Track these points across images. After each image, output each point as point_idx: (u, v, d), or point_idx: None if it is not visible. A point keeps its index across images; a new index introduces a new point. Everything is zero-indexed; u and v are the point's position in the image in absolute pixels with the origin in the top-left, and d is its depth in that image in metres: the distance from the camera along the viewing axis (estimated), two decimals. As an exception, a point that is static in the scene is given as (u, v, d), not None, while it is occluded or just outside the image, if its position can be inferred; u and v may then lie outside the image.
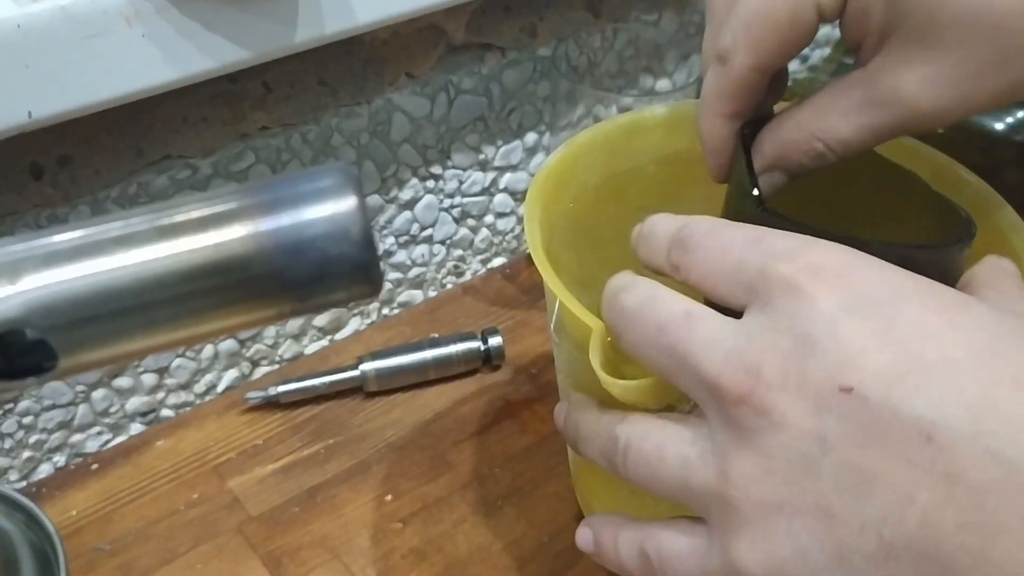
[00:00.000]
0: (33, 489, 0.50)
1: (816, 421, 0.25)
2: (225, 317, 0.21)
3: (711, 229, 0.30)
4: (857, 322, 0.25)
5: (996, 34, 0.30)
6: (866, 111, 0.32)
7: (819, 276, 0.26)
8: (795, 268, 0.27)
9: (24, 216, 0.47)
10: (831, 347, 0.25)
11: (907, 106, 0.32)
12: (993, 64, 0.31)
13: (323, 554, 0.46)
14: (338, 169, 0.21)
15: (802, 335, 0.26)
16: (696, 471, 0.28)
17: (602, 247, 0.46)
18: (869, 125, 0.33)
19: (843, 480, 0.25)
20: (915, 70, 0.31)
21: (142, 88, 0.43)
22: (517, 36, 0.59)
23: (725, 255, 0.28)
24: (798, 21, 0.32)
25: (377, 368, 0.54)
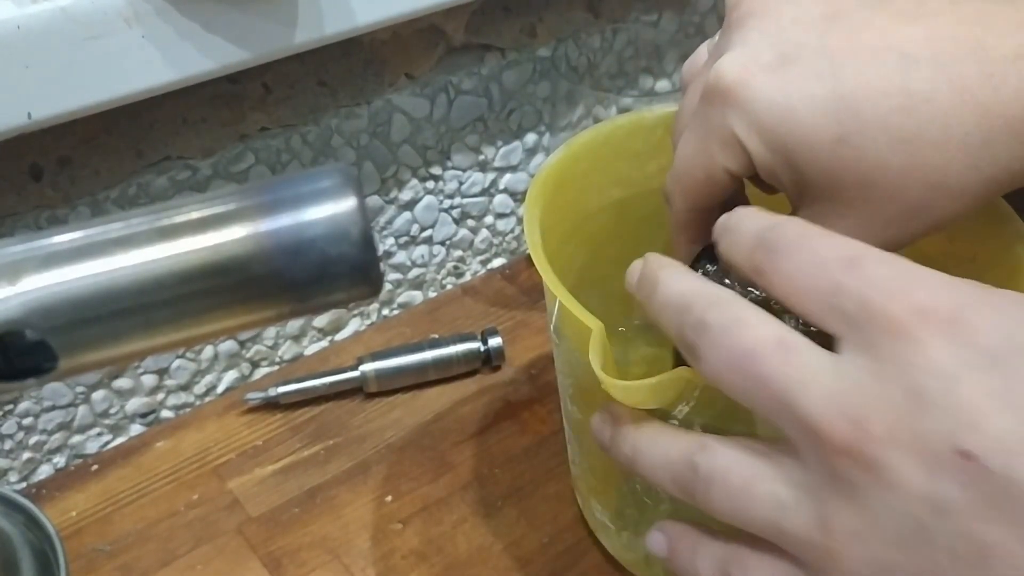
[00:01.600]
0: (33, 490, 0.50)
1: (931, 485, 0.24)
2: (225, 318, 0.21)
3: (802, 236, 0.28)
4: (975, 379, 0.24)
5: (897, 193, 0.31)
6: None
7: (930, 321, 0.24)
8: (903, 309, 0.25)
9: (24, 217, 0.47)
10: (948, 406, 0.24)
11: None
12: (902, 216, 0.32)
13: (323, 555, 0.46)
14: (338, 170, 0.21)
15: (915, 389, 0.24)
16: (791, 515, 0.26)
17: (603, 247, 0.46)
18: None
19: (959, 550, 0.24)
20: (834, 223, 0.32)
21: (142, 89, 0.43)
22: (517, 37, 0.59)
23: (818, 273, 0.27)
24: (712, 179, 0.35)
25: (377, 369, 0.54)
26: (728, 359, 0.27)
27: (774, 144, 0.32)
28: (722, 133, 0.33)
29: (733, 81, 0.32)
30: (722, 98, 0.33)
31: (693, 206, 0.37)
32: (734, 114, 0.32)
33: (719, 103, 0.33)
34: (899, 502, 0.24)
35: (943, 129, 0.30)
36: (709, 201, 0.36)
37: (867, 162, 0.31)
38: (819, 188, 0.32)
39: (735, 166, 0.34)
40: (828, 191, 0.32)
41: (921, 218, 0.32)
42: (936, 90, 0.30)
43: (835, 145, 0.31)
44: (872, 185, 0.31)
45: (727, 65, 0.32)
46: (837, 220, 0.32)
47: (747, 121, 0.32)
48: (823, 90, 0.31)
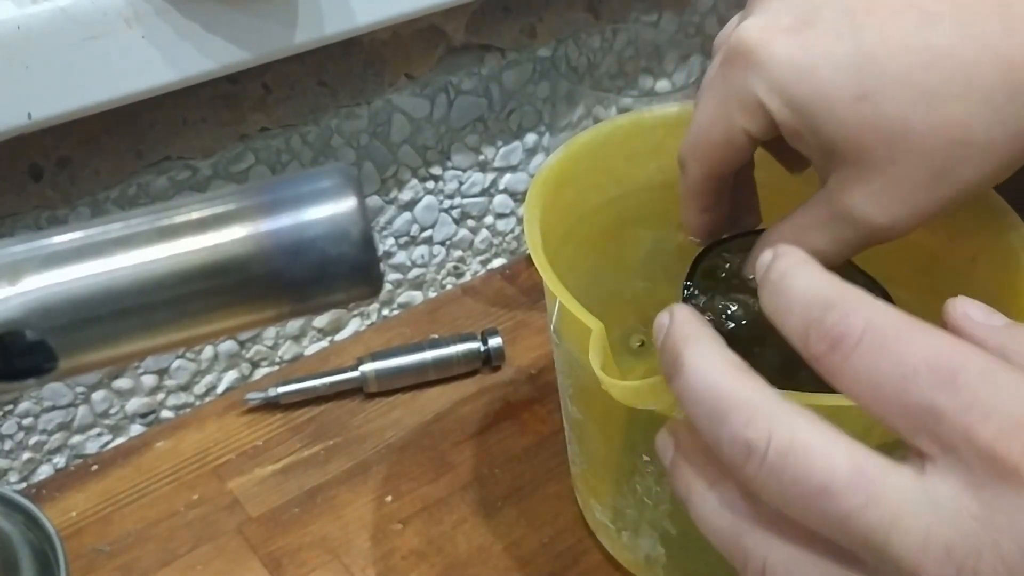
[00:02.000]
0: (33, 490, 0.50)
1: None
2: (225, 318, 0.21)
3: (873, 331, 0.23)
4: None
5: (921, 152, 0.31)
6: (833, 226, 0.34)
7: None
8: (1018, 452, 0.21)
9: (24, 217, 0.47)
10: None
11: (864, 221, 0.33)
12: (929, 178, 0.31)
13: (323, 555, 0.46)
14: (338, 170, 0.21)
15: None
16: None
17: (603, 247, 0.46)
18: (839, 239, 0.34)
19: None
20: (861, 188, 0.32)
21: (142, 89, 0.43)
22: (517, 37, 0.59)
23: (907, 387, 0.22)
24: (731, 142, 0.34)
25: (377, 369, 0.54)
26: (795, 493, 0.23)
27: (795, 103, 0.32)
28: (742, 95, 0.33)
29: (754, 43, 0.32)
30: (743, 60, 0.33)
31: (709, 172, 0.36)
32: (754, 75, 0.32)
33: (740, 65, 0.33)
34: None
35: (966, 83, 0.30)
36: (725, 167, 0.36)
37: (889, 119, 0.30)
38: (843, 150, 0.32)
39: (755, 128, 0.33)
40: (852, 153, 0.32)
41: (949, 180, 0.31)
42: (958, 45, 0.30)
43: (856, 103, 0.31)
44: (895, 143, 0.31)
45: (748, 28, 0.32)
46: (863, 186, 0.32)
47: (767, 82, 0.32)
48: (843, 48, 0.31)
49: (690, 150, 0.36)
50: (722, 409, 0.24)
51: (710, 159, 0.36)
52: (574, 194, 0.44)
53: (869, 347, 0.23)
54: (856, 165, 0.32)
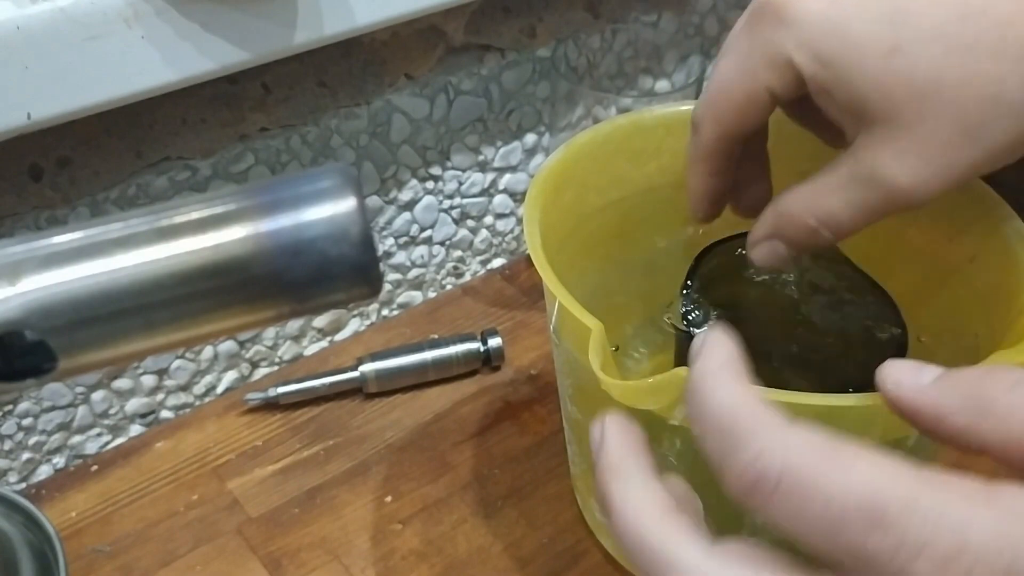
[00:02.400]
0: (33, 491, 0.50)
1: None
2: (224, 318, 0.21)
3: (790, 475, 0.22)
4: None
5: (953, 108, 0.30)
6: (852, 188, 0.33)
7: None
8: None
9: (24, 218, 0.47)
10: None
11: (887, 182, 0.32)
12: (959, 136, 0.31)
13: (323, 555, 0.46)
14: (337, 170, 0.21)
15: None
16: None
17: (603, 247, 0.46)
18: (857, 202, 0.33)
19: None
20: (888, 147, 0.32)
21: (141, 89, 0.43)
22: (516, 37, 0.59)
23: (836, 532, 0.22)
24: (753, 100, 0.34)
25: (377, 369, 0.54)
26: None
27: (825, 58, 0.31)
28: (769, 51, 0.33)
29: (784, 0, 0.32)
30: (773, 15, 0.32)
31: (724, 132, 0.36)
32: (784, 30, 0.32)
33: (769, 21, 0.32)
34: None
35: (1000, 38, 0.30)
36: (742, 127, 0.36)
37: (921, 73, 0.30)
38: (872, 106, 0.31)
39: (780, 85, 0.33)
40: (882, 110, 0.31)
41: (979, 139, 0.31)
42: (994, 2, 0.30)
43: (889, 55, 0.30)
44: (927, 98, 0.30)
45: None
46: (892, 143, 0.31)
47: (798, 36, 0.32)
48: (876, 2, 0.31)
49: (707, 109, 0.36)
50: (650, 559, 0.24)
51: (728, 118, 0.35)
52: (574, 194, 0.44)
53: (788, 493, 0.22)
54: (885, 123, 0.31)
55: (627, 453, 0.26)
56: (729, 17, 0.69)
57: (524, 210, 0.40)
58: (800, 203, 0.35)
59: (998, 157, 0.31)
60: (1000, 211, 0.39)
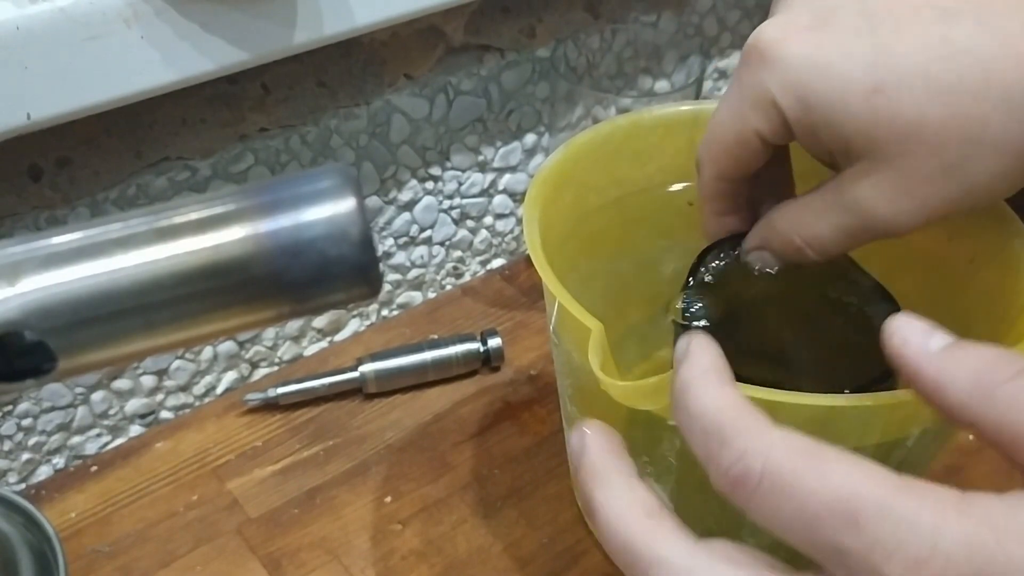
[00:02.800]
0: (32, 491, 0.50)
1: None
2: (224, 319, 0.21)
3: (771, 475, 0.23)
4: None
5: (934, 147, 0.31)
6: (836, 213, 0.34)
7: None
8: None
9: (23, 218, 0.47)
10: None
11: (868, 213, 0.33)
12: (940, 174, 0.31)
13: (322, 555, 0.46)
14: (337, 170, 0.21)
15: None
16: None
17: (603, 247, 0.46)
18: (840, 226, 0.34)
19: None
20: (869, 179, 0.32)
21: (141, 90, 0.43)
22: (516, 37, 0.59)
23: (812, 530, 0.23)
24: (743, 143, 0.35)
25: (376, 370, 0.54)
26: None
27: (808, 100, 0.32)
28: (756, 93, 0.33)
29: (770, 41, 0.32)
30: (759, 58, 0.33)
31: (721, 174, 0.37)
32: (769, 73, 0.32)
33: (755, 63, 0.33)
34: None
35: (984, 79, 0.30)
36: (738, 170, 0.36)
37: (904, 113, 0.30)
38: (855, 145, 0.32)
39: (767, 128, 0.33)
40: (864, 148, 0.32)
41: (959, 177, 0.31)
42: (978, 41, 0.30)
43: (871, 96, 0.31)
44: (908, 137, 0.31)
45: (766, 28, 0.33)
46: (874, 175, 0.32)
47: (782, 79, 0.32)
48: (860, 44, 0.31)
49: (704, 151, 0.37)
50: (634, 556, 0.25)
51: (722, 161, 0.36)
52: (573, 194, 0.44)
53: (769, 491, 0.23)
54: (868, 158, 0.32)
55: (609, 458, 0.27)
56: (729, 17, 0.69)
57: (524, 210, 0.40)
58: (787, 221, 0.36)
59: (978, 195, 0.32)
60: (1000, 212, 0.39)
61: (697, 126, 0.46)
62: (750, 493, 0.23)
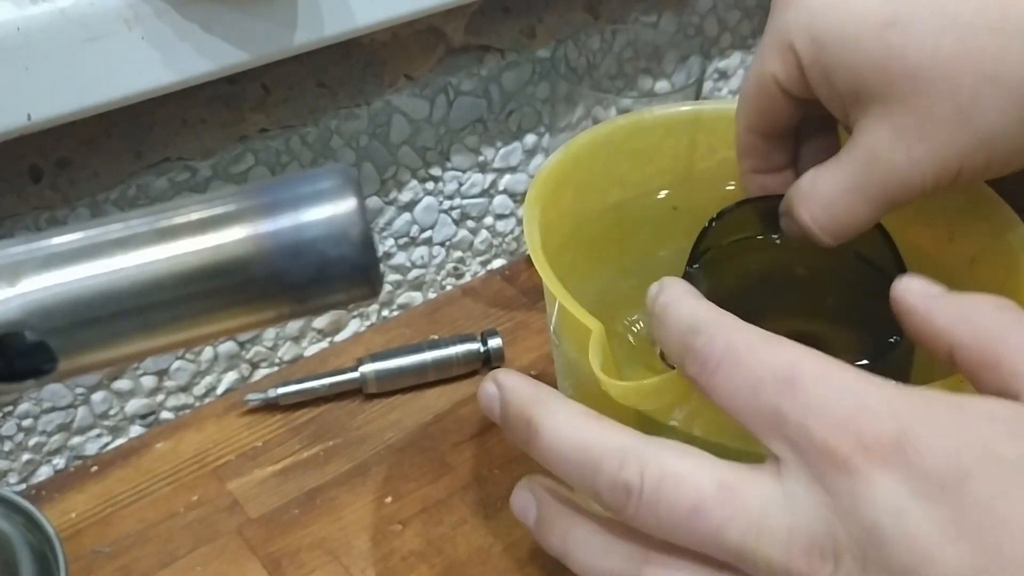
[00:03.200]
0: (32, 491, 0.50)
1: None
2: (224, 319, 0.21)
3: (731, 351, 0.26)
4: (925, 511, 0.23)
5: (947, 84, 0.30)
6: (850, 172, 0.33)
7: (874, 454, 0.24)
8: (847, 443, 0.24)
9: (23, 218, 0.47)
10: (903, 540, 0.23)
11: (882, 161, 0.32)
12: (953, 114, 0.31)
13: (323, 556, 0.46)
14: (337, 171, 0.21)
15: (869, 525, 0.23)
16: None
17: (603, 247, 0.46)
18: (854, 187, 0.33)
19: None
20: (884, 124, 0.31)
21: (141, 90, 0.43)
22: (516, 38, 0.59)
23: (757, 395, 0.25)
24: (764, 91, 0.35)
25: (377, 370, 0.54)
26: (671, 519, 0.25)
27: (821, 38, 0.32)
28: (776, 37, 0.33)
29: None
30: (784, 3, 0.33)
31: (749, 126, 0.37)
32: (791, 15, 0.33)
33: (780, 8, 0.33)
34: None
35: (1002, 15, 0.29)
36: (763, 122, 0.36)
37: (917, 48, 0.30)
38: (868, 83, 0.31)
39: (782, 73, 0.33)
40: (877, 85, 0.31)
41: (973, 121, 0.30)
42: None
43: (884, 30, 0.30)
44: (921, 73, 0.30)
45: None
46: (887, 120, 0.31)
47: (799, 19, 0.32)
48: None
49: (737, 106, 0.37)
50: (594, 459, 0.26)
51: (748, 111, 0.36)
52: (574, 195, 0.44)
53: (727, 365, 0.26)
54: (881, 100, 0.31)
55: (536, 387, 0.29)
56: (729, 17, 0.69)
57: (524, 211, 0.40)
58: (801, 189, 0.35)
59: (994, 146, 0.31)
60: (1001, 212, 0.39)
61: (697, 126, 0.46)
62: (713, 370, 0.26)
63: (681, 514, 0.25)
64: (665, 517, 0.25)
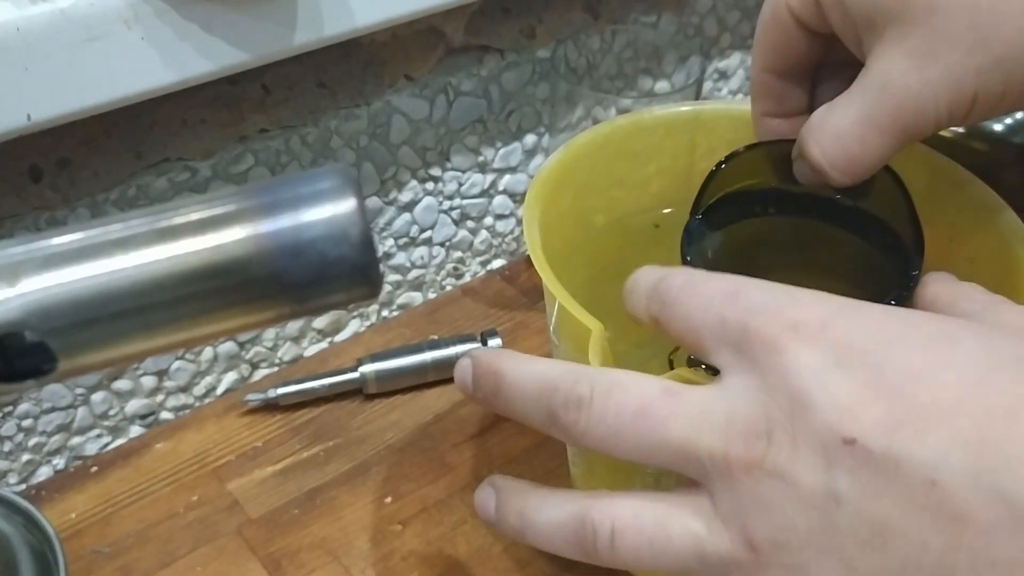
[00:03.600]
0: (32, 492, 0.50)
1: (827, 476, 0.25)
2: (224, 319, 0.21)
3: (688, 283, 0.29)
4: (847, 374, 0.25)
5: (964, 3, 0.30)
6: (862, 101, 0.32)
7: (801, 332, 0.26)
8: (777, 326, 0.26)
9: (23, 219, 0.47)
10: (827, 402, 0.25)
11: (895, 86, 0.31)
12: (969, 32, 0.30)
13: (323, 556, 0.46)
14: (337, 171, 0.21)
15: (797, 393, 0.25)
16: (712, 543, 0.27)
17: (603, 247, 0.46)
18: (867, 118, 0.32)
19: (862, 535, 0.25)
20: (898, 48, 0.31)
21: (141, 91, 0.43)
22: (516, 38, 0.59)
23: (706, 310, 0.28)
24: (779, 24, 0.35)
25: (376, 370, 0.54)
26: (618, 424, 0.27)
27: None
28: None
29: None
30: None
31: (765, 64, 0.36)
32: None
33: None
34: (805, 500, 0.25)
35: None
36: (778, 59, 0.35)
37: None
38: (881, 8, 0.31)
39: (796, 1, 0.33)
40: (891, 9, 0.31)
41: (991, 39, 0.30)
42: None
43: None
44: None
45: None
46: (903, 41, 0.31)
47: None
48: None
49: (753, 44, 0.36)
50: (551, 383, 0.29)
51: (764, 48, 0.35)
52: (573, 195, 0.44)
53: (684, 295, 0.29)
54: (896, 23, 0.31)
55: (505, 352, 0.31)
56: (729, 18, 0.69)
57: (524, 211, 0.40)
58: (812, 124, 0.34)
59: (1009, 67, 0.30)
60: (1000, 212, 0.39)
61: (697, 126, 0.46)
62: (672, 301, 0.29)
63: (627, 418, 0.27)
64: (612, 423, 0.27)
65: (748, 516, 0.26)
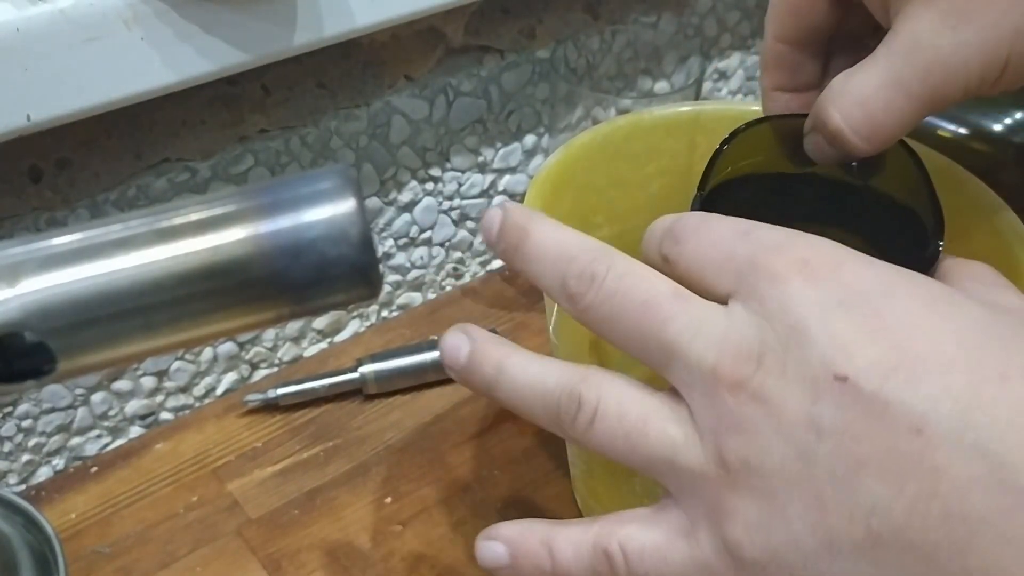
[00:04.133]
0: (32, 492, 0.50)
1: (812, 409, 0.25)
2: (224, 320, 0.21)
3: (702, 222, 0.29)
4: (848, 314, 0.25)
5: None
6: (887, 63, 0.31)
7: (809, 269, 0.26)
8: (785, 260, 0.27)
9: (23, 219, 0.47)
10: (824, 337, 0.25)
11: (925, 47, 0.30)
12: None
13: (323, 557, 0.46)
14: (337, 171, 0.21)
15: (795, 324, 0.26)
16: (684, 452, 0.27)
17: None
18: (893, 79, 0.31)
19: (837, 471, 0.25)
20: (929, 8, 0.30)
21: (141, 91, 0.43)
22: (516, 38, 0.59)
23: (716, 247, 0.28)
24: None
25: (376, 370, 0.54)
26: (621, 308, 0.28)
27: None
28: None
29: None
30: None
31: (781, 33, 0.35)
32: None
33: None
34: (785, 428, 0.25)
35: None
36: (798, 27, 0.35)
37: None
38: None
39: None
40: None
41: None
42: None
43: None
44: None
45: None
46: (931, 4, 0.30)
47: None
48: None
49: (768, 12, 0.36)
50: (571, 253, 0.29)
51: (779, 14, 0.35)
52: (573, 195, 0.44)
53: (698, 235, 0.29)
54: None
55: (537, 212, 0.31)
56: (729, 18, 0.69)
57: (524, 211, 0.40)
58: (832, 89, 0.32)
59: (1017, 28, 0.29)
60: (1000, 212, 0.39)
61: (697, 127, 0.46)
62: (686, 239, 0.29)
63: (631, 305, 0.28)
64: (617, 305, 0.28)
65: (725, 434, 0.26)
